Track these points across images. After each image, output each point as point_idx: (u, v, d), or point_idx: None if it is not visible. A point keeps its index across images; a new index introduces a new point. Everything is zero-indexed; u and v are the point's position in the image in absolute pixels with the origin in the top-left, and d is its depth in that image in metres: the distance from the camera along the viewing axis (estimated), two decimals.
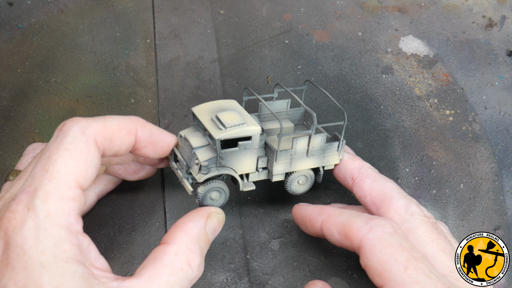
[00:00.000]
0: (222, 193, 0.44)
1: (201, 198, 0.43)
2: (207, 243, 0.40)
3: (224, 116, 0.42)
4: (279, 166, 0.45)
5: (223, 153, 0.42)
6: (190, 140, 0.43)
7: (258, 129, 0.42)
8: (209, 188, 0.43)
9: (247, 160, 0.43)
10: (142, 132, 0.40)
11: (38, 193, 0.32)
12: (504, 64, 0.62)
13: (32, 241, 0.31)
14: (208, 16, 0.63)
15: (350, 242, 0.39)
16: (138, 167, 0.48)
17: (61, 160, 0.34)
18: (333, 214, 0.41)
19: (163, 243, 0.38)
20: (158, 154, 0.43)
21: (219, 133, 0.41)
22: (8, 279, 0.31)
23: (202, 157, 0.42)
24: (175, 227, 0.39)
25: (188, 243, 0.38)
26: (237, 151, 0.42)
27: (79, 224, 0.34)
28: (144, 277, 0.35)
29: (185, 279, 0.36)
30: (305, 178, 0.47)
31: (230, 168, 0.43)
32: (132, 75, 0.59)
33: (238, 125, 0.41)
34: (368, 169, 0.45)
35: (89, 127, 0.36)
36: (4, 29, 0.61)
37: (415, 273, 0.35)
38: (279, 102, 0.50)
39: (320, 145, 0.45)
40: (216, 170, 0.43)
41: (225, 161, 0.43)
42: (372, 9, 0.65)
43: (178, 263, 0.36)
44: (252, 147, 0.43)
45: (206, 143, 0.43)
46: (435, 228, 0.41)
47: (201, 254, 0.38)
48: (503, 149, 0.57)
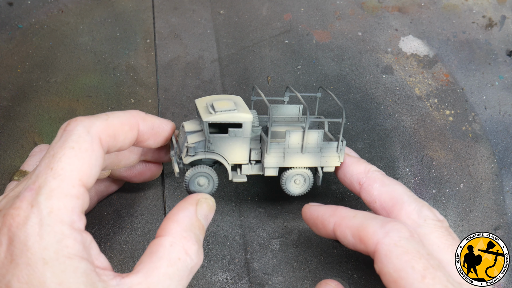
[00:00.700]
0: (210, 180, 0.44)
1: (188, 182, 0.43)
2: (202, 229, 0.39)
3: (218, 103, 0.43)
4: (270, 158, 0.44)
5: (212, 138, 0.42)
6: (185, 126, 0.44)
7: (250, 117, 0.42)
8: (195, 172, 0.43)
9: (237, 149, 0.43)
10: (144, 125, 0.41)
11: (42, 190, 0.33)
12: (504, 64, 0.62)
13: (35, 237, 0.31)
14: (208, 16, 0.63)
15: (364, 246, 0.38)
16: (143, 169, 0.48)
17: (65, 158, 0.34)
18: (346, 216, 0.40)
19: (157, 236, 0.38)
20: (160, 143, 0.44)
21: (208, 116, 0.42)
22: (12, 275, 0.31)
23: (191, 140, 0.42)
24: (166, 219, 0.39)
25: (182, 232, 0.37)
26: (227, 137, 0.43)
27: (82, 222, 0.34)
28: (142, 272, 0.35)
29: (184, 268, 0.36)
30: (302, 178, 0.46)
31: (219, 154, 0.43)
32: (132, 75, 0.59)
33: (229, 111, 0.42)
34: (375, 172, 0.44)
35: (93, 126, 0.36)
36: (4, 29, 0.61)
37: (432, 282, 0.34)
38: (291, 107, 0.49)
39: (317, 142, 0.44)
40: (204, 154, 0.43)
41: (214, 146, 0.43)
42: (372, 9, 0.65)
43: (175, 253, 0.36)
44: (243, 136, 0.43)
45: (200, 129, 0.43)
46: (449, 233, 0.40)
47: (197, 241, 0.38)
48: (503, 149, 0.57)
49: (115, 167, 0.45)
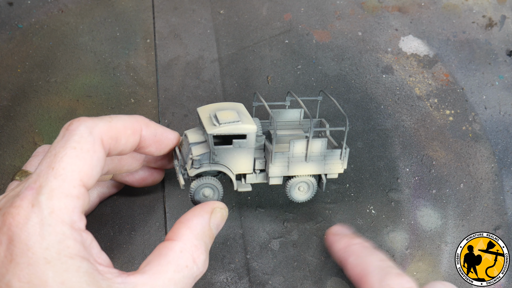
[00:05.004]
0: (215, 191, 0.44)
1: (193, 193, 0.43)
2: (212, 238, 0.40)
3: (221, 114, 0.43)
4: (275, 168, 0.44)
5: (217, 150, 0.42)
6: (189, 136, 0.44)
7: (254, 128, 0.42)
8: (201, 183, 0.43)
9: (242, 159, 0.43)
10: (147, 131, 0.41)
11: (43, 190, 0.33)
12: (504, 64, 0.62)
13: (36, 237, 0.31)
14: (208, 16, 0.63)
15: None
16: (145, 174, 0.48)
17: (67, 158, 0.34)
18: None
19: (168, 239, 0.38)
20: (162, 152, 0.44)
21: (212, 128, 0.41)
22: (12, 275, 0.31)
23: (196, 152, 0.42)
24: (179, 223, 0.39)
25: (193, 240, 0.38)
26: (232, 149, 0.43)
27: (83, 222, 0.34)
28: (148, 273, 0.35)
29: (190, 275, 0.36)
30: (306, 185, 0.46)
31: (224, 165, 0.43)
32: (132, 75, 0.59)
33: (233, 122, 0.42)
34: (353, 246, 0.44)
35: (96, 127, 0.36)
36: (4, 29, 0.61)
37: None
38: (292, 111, 0.49)
39: (321, 151, 0.44)
40: (209, 165, 0.43)
41: (219, 158, 0.43)
42: (372, 9, 0.65)
43: (183, 260, 0.36)
44: (247, 146, 0.43)
45: (203, 140, 0.43)
46: None
47: (206, 250, 0.38)
48: (503, 149, 0.57)
49: (117, 172, 0.45)
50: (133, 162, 0.45)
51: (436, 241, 0.51)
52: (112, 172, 0.44)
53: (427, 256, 0.50)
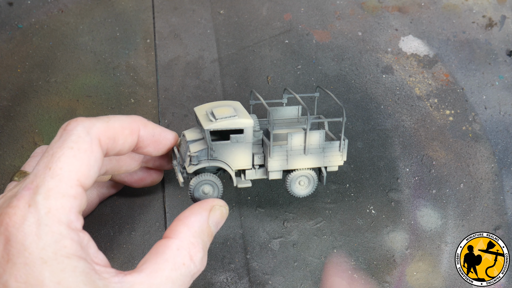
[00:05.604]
0: (215, 188, 0.44)
1: (193, 190, 0.43)
2: (210, 236, 0.39)
3: (218, 110, 0.43)
4: (274, 162, 0.44)
5: (215, 145, 0.42)
6: (186, 135, 0.44)
7: (250, 122, 0.42)
8: (200, 180, 0.43)
9: (240, 155, 0.43)
10: (145, 131, 0.41)
11: (40, 190, 0.33)
12: (504, 64, 0.62)
13: (32, 237, 0.31)
14: (208, 16, 0.64)
15: None
16: (144, 175, 0.48)
17: (64, 158, 0.34)
18: None
19: (165, 237, 0.38)
20: (160, 152, 0.43)
21: (209, 124, 0.41)
22: (9, 275, 0.31)
23: (194, 148, 0.42)
24: (177, 221, 0.38)
25: (191, 238, 0.37)
26: (229, 144, 0.43)
27: (80, 222, 0.34)
28: (145, 271, 0.35)
29: (187, 273, 0.36)
30: (306, 179, 0.46)
31: (223, 161, 0.43)
32: (132, 75, 0.59)
33: (229, 117, 0.42)
34: None
35: (93, 127, 0.36)
36: (4, 29, 0.61)
37: None
38: (289, 108, 0.49)
39: (319, 143, 0.44)
40: (207, 162, 0.43)
41: (217, 154, 0.43)
42: (372, 9, 0.65)
43: (180, 258, 0.36)
44: (245, 141, 0.43)
45: (201, 137, 0.43)
46: None
47: (203, 248, 0.38)
48: (503, 149, 0.57)
49: (116, 172, 0.45)
50: (131, 162, 0.45)
51: (436, 241, 0.51)
52: (110, 172, 0.44)
53: (427, 256, 0.50)
